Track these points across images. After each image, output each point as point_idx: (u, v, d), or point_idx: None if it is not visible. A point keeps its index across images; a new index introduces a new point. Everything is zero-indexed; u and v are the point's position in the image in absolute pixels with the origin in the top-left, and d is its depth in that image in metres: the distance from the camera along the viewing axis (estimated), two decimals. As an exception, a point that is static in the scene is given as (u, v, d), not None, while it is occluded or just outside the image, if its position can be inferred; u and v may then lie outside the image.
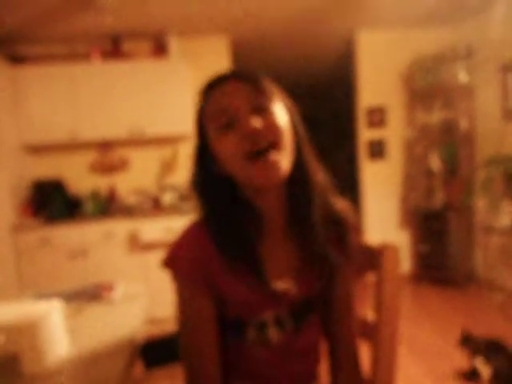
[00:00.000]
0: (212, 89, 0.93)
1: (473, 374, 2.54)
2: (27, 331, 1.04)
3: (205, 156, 0.95)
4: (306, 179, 0.96)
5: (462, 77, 4.49)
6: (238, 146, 0.86)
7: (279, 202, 0.97)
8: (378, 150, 4.99)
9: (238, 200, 0.96)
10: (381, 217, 5.01)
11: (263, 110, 0.88)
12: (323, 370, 1.20)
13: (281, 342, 1.01)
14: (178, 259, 0.95)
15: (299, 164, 0.95)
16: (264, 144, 0.86)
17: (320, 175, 0.99)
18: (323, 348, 1.15)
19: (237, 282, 0.94)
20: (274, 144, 0.87)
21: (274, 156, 0.86)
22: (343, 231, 1.02)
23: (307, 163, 0.96)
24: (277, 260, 0.98)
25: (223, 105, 0.89)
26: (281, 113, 0.91)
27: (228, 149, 0.88)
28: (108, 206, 4.38)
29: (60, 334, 1.12)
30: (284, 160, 0.88)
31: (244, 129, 0.86)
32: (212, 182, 0.96)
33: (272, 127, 0.87)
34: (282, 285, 0.98)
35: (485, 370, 2.48)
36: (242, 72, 0.93)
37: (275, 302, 0.98)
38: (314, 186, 0.97)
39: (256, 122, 0.85)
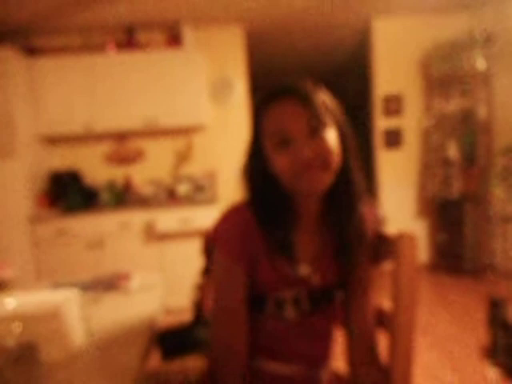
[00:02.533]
0: (271, 101, 1.01)
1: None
2: (45, 320, 1.04)
3: (257, 154, 1.06)
4: (348, 186, 1.06)
5: (480, 64, 4.41)
6: (290, 166, 0.97)
7: (318, 202, 1.07)
8: (394, 139, 4.94)
9: (280, 192, 1.05)
10: (397, 206, 4.96)
11: (316, 133, 0.98)
12: (339, 361, 1.20)
13: (296, 320, 1.10)
14: (225, 235, 1.06)
15: (344, 172, 1.05)
16: (316, 169, 0.97)
17: (360, 179, 1.08)
18: (342, 339, 1.18)
19: (268, 262, 1.05)
20: (324, 165, 0.97)
21: (319, 173, 0.97)
22: (364, 226, 1.10)
23: (352, 173, 1.06)
24: (304, 248, 1.09)
25: (282, 126, 0.98)
26: (332, 135, 1.00)
27: (281, 164, 0.98)
28: (124, 197, 4.41)
29: (77, 323, 1.13)
30: (328, 176, 0.99)
31: (298, 156, 0.96)
32: (260, 176, 1.06)
33: (323, 152, 0.97)
34: (305, 270, 1.08)
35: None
36: (300, 90, 1.00)
37: (296, 284, 1.08)
38: (354, 192, 1.07)
39: (309, 151, 0.95)
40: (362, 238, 1.08)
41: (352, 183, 1.06)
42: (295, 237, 1.07)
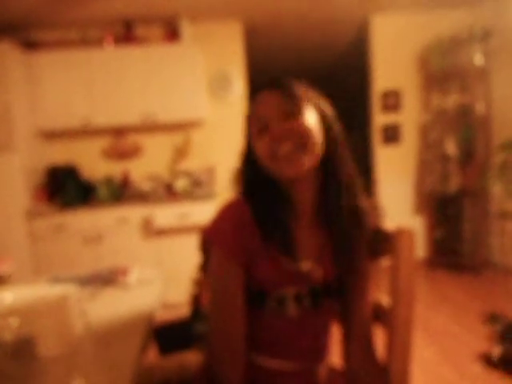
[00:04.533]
0: (254, 99, 1.07)
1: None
2: (43, 314, 1.04)
3: (250, 151, 1.10)
4: (336, 174, 1.07)
5: (479, 60, 4.41)
6: (268, 148, 1.00)
7: (311, 192, 1.07)
8: (392, 135, 4.94)
9: (275, 187, 1.08)
10: (395, 202, 4.97)
11: (293, 115, 1.00)
12: (335, 356, 1.21)
13: (297, 317, 1.08)
14: (222, 232, 1.04)
15: (331, 159, 1.06)
16: (289, 146, 0.98)
17: (351, 170, 1.09)
18: (338, 334, 1.19)
19: (267, 258, 1.04)
20: (300, 145, 0.99)
21: (296, 154, 0.99)
22: (362, 220, 1.09)
23: (339, 159, 1.07)
24: (305, 243, 1.08)
25: (259, 113, 1.03)
26: (310, 116, 1.02)
27: (261, 149, 1.02)
28: (121, 192, 4.40)
29: (75, 318, 1.13)
30: (306, 158, 1.00)
31: (272, 134, 1.00)
32: (255, 172, 1.08)
33: (298, 130, 0.99)
34: (307, 266, 1.07)
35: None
36: (276, 80, 1.05)
37: (297, 280, 1.07)
38: (343, 180, 1.07)
39: (280, 129, 0.99)
40: (360, 229, 1.08)
41: (340, 173, 1.07)
42: (295, 232, 1.07)
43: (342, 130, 1.09)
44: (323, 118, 1.06)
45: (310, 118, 1.02)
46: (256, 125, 1.03)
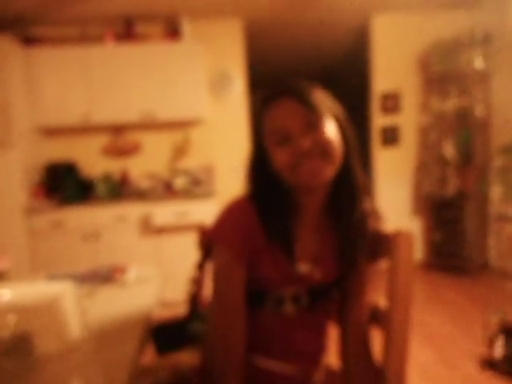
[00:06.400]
0: (269, 104, 1.04)
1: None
2: (40, 312, 1.04)
3: (259, 153, 1.08)
4: (350, 178, 1.07)
5: (479, 63, 4.41)
6: (290, 158, 0.99)
7: (320, 197, 1.08)
8: (391, 137, 4.94)
9: (283, 191, 1.07)
10: (393, 204, 4.97)
11: (314, 127, 0.99)
12: (332, 357, 1.21)
13: (294, 316, 1.10)
14: (227, 231, 1.05)
15: (346, 168, 1.06)
16: (315, 159, 0.98)
17: (361, 174, 1.09)
18: (335, 336, 1.19)
19: (269, 259, 1.05)
20: (324, 156, 0.99)
21: (320, 164, 0.98)
22: (367, 223, 1.10)
23: (353, 168, 1.07)
24: (306, 245, 1.09)
25: (279, 124, 1.01)
26: (330, 127, 1.01)
27: (281, 159, 1.00)
28: (120, 190, 4.40)
29: (72, 316, 1.13)
30: (328, 168, 1.00)
31: (296, 148, 0.98)
32: (264, 173, 1.08)
33: (321, 142, 0.99)
34: (307, 268, 1.08)
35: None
36: (295, 90, 1.02)
37: (297, 282, 1.08)
38: (355, 184, 1.08)
39: (307, 141, 0.98)
40: (365, 234, 1.08)
41: (354, 178, 1.07)
42: (298, 234, 1.08)
43: (354, 135, 1.09)
44: (340, 125, 1.05)
45: (331, 128, 1.01)
46: (275, 135, 1.01)
